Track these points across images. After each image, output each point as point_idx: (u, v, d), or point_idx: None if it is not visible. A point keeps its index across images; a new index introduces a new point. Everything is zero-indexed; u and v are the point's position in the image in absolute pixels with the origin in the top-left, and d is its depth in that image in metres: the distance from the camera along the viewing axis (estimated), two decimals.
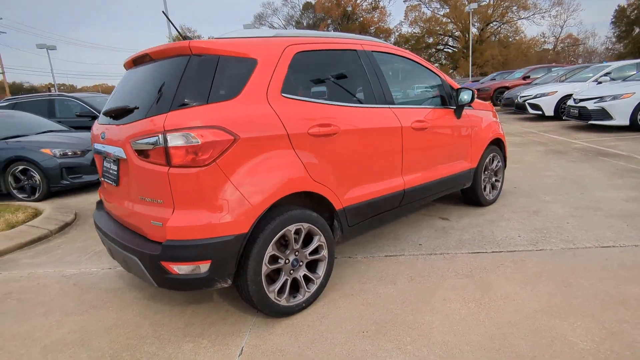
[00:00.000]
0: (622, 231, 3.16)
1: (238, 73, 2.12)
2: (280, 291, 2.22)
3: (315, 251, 2.37)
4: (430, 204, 4.18)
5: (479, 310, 2.21)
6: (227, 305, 2.45)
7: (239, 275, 2.07)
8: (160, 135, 1.88)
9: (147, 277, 2.04)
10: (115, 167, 2.32)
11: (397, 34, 46.92)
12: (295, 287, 2.32)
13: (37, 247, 3.72)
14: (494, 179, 4.07)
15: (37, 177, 5.32)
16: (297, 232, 2.24)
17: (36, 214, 4.51)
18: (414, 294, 2.44)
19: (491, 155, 3.92)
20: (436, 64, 44.87)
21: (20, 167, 5.34)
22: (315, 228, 2.31)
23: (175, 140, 1.86)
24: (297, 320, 2.25)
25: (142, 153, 1.99)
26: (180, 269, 1.94)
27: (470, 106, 3.65)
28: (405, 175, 2.95)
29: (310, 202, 2.39)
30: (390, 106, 2.84)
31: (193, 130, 1.88)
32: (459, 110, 3.43)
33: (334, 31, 44.73)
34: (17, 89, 48.04)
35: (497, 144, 4.06)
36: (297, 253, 2.28)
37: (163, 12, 2.49)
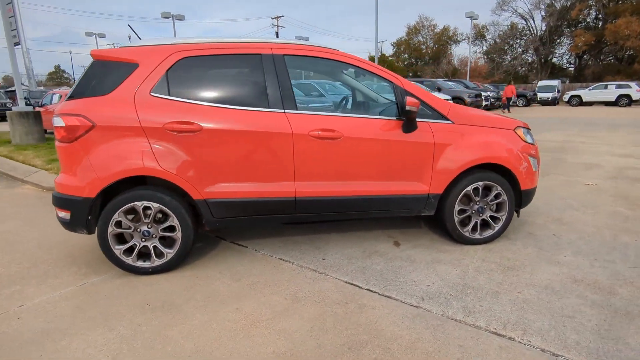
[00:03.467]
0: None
1: (118, 74, 2.69)
2: (129, 252, 2.74)
3: (170, 229, 2.76)
4: (409, 223, 3.62)
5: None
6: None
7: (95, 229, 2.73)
8: (54, 117, 2.70)
9: None
10: None
11: None
12: (149, 254, 2.79)
13: None
14: (487, 215, 3.16)
15: None
16: (147, 208, 2.69)
17: None
18: (216, 296, 2.51)
19: (480, 183, 3.06)
20: None
21: None
22: (167, 209, 2.70)
23: (56, 122, 2.65)
24: (126, 280, 2.73)
25: None
26: (59, 213, 2.75)
27: (446, 118, 2.99)
28: (298, 182, 2.84)
29: (167, 187, 2.76)
30: (287, 111, 2.79)
31: (63, 117, 2.61)
32: (408, 123, 2.89)
33: (596, 12, 36.77)
34: None
35: (503, 173, 3.10)
36: (149, 226, 2.74)
37: (129, 25, 3.28)
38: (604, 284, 2.52)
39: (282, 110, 2.79)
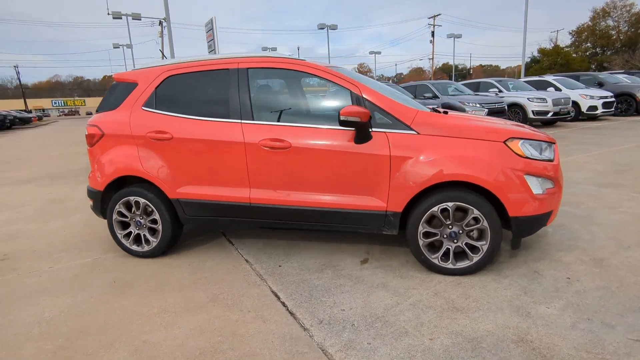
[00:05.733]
0: None
1: (124, 92, 3.31)
2: (127, 237, 3.35)
3: (154, 222, 3.25)
4: (396, 241, 3.25)
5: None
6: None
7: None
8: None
9: None
10: None
11: None
12: (139, 240, 3.34)
13: None
14: (463, 242, 2.64)
15: None
16: (138, 202, 3.24)
17: None
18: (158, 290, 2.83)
19: (450, 204, 2.58)
20: None
21: None
22: (150, 205, 3.20)
23: (86, 130, 3.43)
24: (123, 260, 3.31)
25: None
26: (90, 203, 3.55)
27: (409, 128, 2.65)
28: (253, 189, 2.96)
29: (151, 186, 3.24)
30: (244, 121, 2.93)
31: (88, 127, 3.37)
32: (358, 133, 2.67)
33: None
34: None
35: (488, 195, 2.54)
36: (141, 217, 3.29)
37: (160, 50, 3.85)
38: (561, 354, 1.87)
39: (239, 121, 2.95)
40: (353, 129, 2.68)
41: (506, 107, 10.38)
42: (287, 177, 2.89)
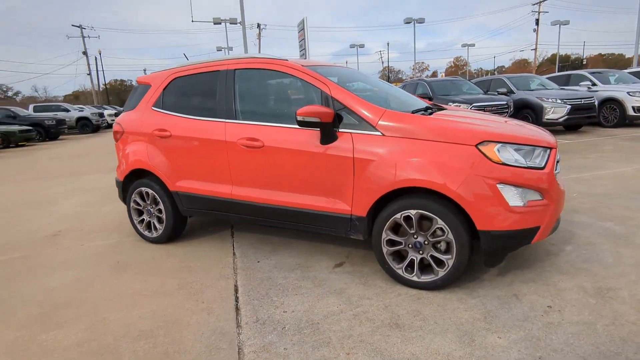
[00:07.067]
0: None
1: (142, 93, 3.67)
2: (141, 223, 3.73)
3: (160, 211, 3.57)
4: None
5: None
6: None
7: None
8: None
9: None
10: None
11: None
12: (150, 227, 3.69)
13: None
14: (428, 254, 2.40)
15: None
16: (147, 193, 3.59)
17: None
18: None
19: (412, 212, 2.37)
20: None
21: None
22: (157, 196, 3.52)
23: (113, 127, 3.89)
24: (135, 244, 3.69)
25: None
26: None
27: (374, 129, 2.50)
28: (235, 187, 3.07)
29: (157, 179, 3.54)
30: (227, 120, 3.06)
31: (114, 124, 3.81)
32: (322, 133, 2.59)
33: None
34: None
35: (456, 205, 2.28)
36: (151, 206, 3.63)
37: (184, 54, 4.16)
38: None
39: (223, 120, 3.08)
40: (317, 129, 2.62)
41: (596, 103, 8.93)
42: (262, 176, 2.94)
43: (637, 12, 19.17)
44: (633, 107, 9.05)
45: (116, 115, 24.41)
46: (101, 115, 23.54)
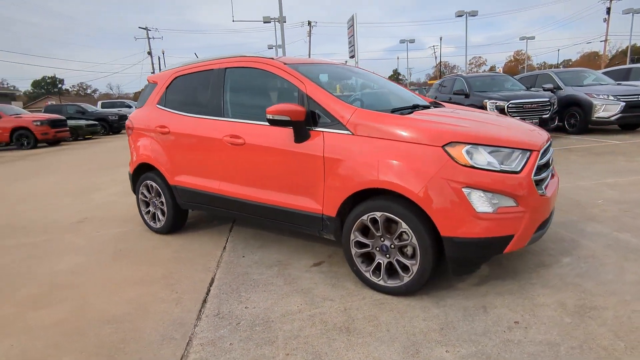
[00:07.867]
0: None
1: (149, 91, 3.87)
2: (147, 214, 3.94)
3: (162, 204, 3.75)
4: None
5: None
6: None
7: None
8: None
9: None
10: None
11: None
12: (155, 217, 3.90)
13: None
14: (394, 258, 2.30)
15: None
16: (151, 186, 3.79)
17: None
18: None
19: (377, 214, 2.28)
20: None
21: None
22: (159, 189, 3.71)
23: (125, 124, 4.14)
24: (140, 232, 3.90)
25: None
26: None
27: (345, 128, 2.44)
28: (222, 182, 3.15)
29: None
30: (216, 118, 3.13)
31: (126, 121, 4.06)
32: (295, 132, 2.57)
33: None
34: None
35: (417, 206, 2.16)
36: (155, 199, 3.83)
37: (195, 53, 4.29)
38: None
39: (213, 117, 3.17)
40: (290, 127, 2.61)
41: None
42: (245, 173, 2.98)
43: None
44: None
45: None
46: None
